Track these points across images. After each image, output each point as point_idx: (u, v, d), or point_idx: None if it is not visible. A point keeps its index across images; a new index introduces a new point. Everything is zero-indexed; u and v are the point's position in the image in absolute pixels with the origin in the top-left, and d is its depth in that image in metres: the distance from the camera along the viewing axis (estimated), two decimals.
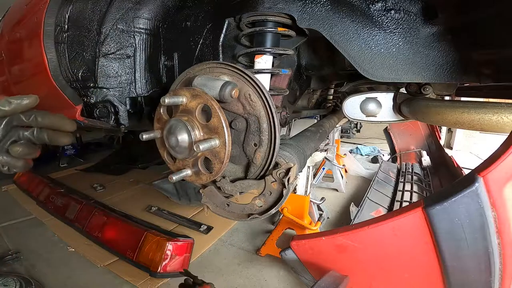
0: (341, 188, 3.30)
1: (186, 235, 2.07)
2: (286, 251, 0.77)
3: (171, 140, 0.60)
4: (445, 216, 0.52)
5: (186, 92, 0.59)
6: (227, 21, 0.73)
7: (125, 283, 1.84)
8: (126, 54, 0.88)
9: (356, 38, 0.66)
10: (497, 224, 0.50)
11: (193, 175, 0.64)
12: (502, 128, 0.65)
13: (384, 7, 0.64)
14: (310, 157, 1.97)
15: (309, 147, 0.95)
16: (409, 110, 0.95)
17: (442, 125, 3.60)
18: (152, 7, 0.87)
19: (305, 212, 2.03)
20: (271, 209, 0.62)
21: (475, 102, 0.73)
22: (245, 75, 0.59)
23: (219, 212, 0.69)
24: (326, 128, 1.42)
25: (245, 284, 1.88)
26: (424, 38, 0.64)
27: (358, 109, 1.12)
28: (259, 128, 0.61)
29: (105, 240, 2.15)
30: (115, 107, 0.89)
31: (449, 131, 5.46)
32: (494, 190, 0.49)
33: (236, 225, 2.57)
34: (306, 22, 0.66)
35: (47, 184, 3.02)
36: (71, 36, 0.89)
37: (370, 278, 0.69)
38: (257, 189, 0.62)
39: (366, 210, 2.30)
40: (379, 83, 1.21)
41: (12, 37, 1.13)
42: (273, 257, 2.08)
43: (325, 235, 0.70)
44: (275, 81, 0.94)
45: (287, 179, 0.58)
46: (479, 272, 0.55)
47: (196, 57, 0.81)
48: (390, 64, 0.67)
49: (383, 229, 0.61)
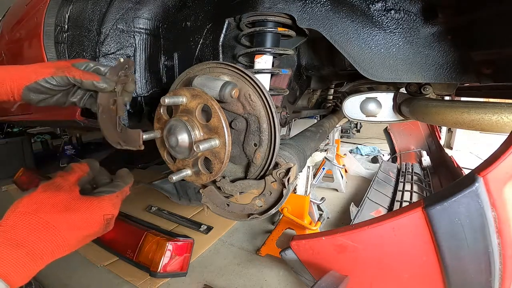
0: (341, 188, 3.30)
1: (186, 235, 2.07)
2: (286, 251, 0.77)
3: (171, 140, 0.60)
4: (445, 216, 0.52)
5: (186, 92, 0.59)
6: (227, 21, 0.73)
7: (125, 283, 1.84)
8: (126, 54, 0.88)
9: (356, 38, 0.66)
10: (497, 224, 0.50)
11: (193, 175, 0.64)
12: (502, 128, 0.65)
13: (384, 7, 0.64)
14: (310, 157, 1.97)
15: (309, 147, 0.95)
16: (409, 110, 0.95)
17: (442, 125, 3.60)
18: (152, 7, 0.87)
19: (305, 212, 2.03)
20: (271, 209, 0.62)
21: (475, 102, 0.73)
22: (245, 75, 0.59)
23: (219, 212, 0.69)
24: (326, 128, 1.42)
25: (245, 284, 1.88)
26: (424, 38, 0.64)
27: (358, 109, 1.12)
28: (259, 128, 0.61)
29: (105, 240, 2.14)
30: None
31: (449, 131, 5.46)
32: (494, 190, 0.49)
33: (236, 225, 2.57)
34: (306, 22, 0.66)
35: None
36: (71, 36, 0.89)
37: (370, 278, 0.69)
38: (257, 189, 0.62)
39: (366, 210, 2.29)
40: (379, 83, 1.21)
41: (12, 37, 1.13)
42: (273, 257, 2.08)
43: (325, 235, 0.70)
44: (275, 81, 0.94)
45: (287, 179, 0.58)
46: (479, 272, 0.54)
47: (196, 57, 0.81)
48: (390, 64, 0.67)
49: (383, 229, 0.61)
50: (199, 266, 2.04)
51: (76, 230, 0.48)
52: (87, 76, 0.58)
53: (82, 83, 0.58)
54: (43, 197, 0.49)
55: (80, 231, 0.49)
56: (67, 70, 0.57)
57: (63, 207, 0.48)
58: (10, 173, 3.45)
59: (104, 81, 0.60)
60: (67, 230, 0.47)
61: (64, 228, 0.47)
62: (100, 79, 0.59)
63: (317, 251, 0.72)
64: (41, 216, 0.46)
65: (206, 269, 2.02)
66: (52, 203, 0.48)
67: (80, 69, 0.60)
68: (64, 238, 0.46)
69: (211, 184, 0.69)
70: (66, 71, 0.57)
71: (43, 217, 0.46)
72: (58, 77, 0.56)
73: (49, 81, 0.56)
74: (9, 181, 3.39)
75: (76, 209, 0.50)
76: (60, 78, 0.57)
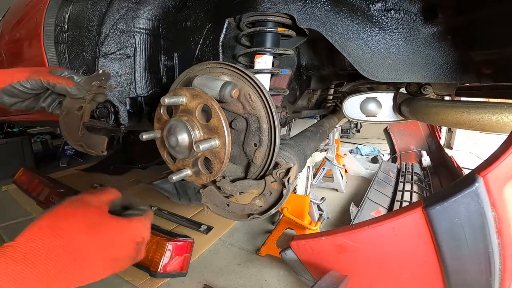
0: (341, 188, 3.30)
1: (186, 235, 2.07)
2: (286, 251, 0.77)
3: (171, 140, 0.60)
4: (445, 216, 0.52)
5: (186, 92, 0.59)
6: (227, 21, 0.73)
7: (125, 283, 1.84)
8: (126, 54, 0.88)
9: (356, 38, 0.66)
10: (497, 224, 0.50)
11: (193, 175, 0.64)
12: (502, 128, 0.65)
13: (384, 7, 0.64)
14: (310, 157, 1.97)
15: (309, 147, 0.95)
16: (409, 110, 0.95)
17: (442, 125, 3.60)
18: (152, 7, 0.87)
19: (305, 212, 2.03)
20: (271, 209, 0.62)
21: (475, 102, 0.73)
22: (245, 75, 0.59)
23: (219, 212, 0.69)
24: (326, 128, 1.42)
25: (245, 284, 1.88)
26: (424, 38, 0.64)
27: (358, 109, 1.12)
28: (259, 128, 0.61)
29: None
30: (115, 107, 0.89)
31: (449, 131, 5.46)
32: (494, 190, 0.49)
33: (236, 225, 2.57)
34: (306, 22, 0.66)
35: (47, 184, 3.01)
36: (71, 36, 0.89)
37: (370, 278, 0.69)
38: (257, 189, 0.62)
39: (366, 210, 2.29)
40: (379, 83, 1.21)
41: (12, 37, 1.13)
42: (273, 257, 2.08)
43: (325, 235, 0.70)
44: (275, 81, 0.94)
45: (287, 179, 0.58)
46: (479, 272, 0.54)
47: (196, 57, 0.81)
48: (390, 64, 0.67)
49: (383, 229, 0.61)
50: (199, 266, 2.04)
51: (102, 252, 0.43)
52: (61, 81, 0.60)
53: (55, 87, 0.60)
54: (67, 212, 0.44)
55: (107, 252, 0.43)
56: (42, 75, 0.59)
57: (89, 225, 0.43)
58: (10, 173, 3.45)
59: (76, 87, 0.61)
60: (91, 250, 0.41)
61: (87, 247, 0.41)
62: (73, 85, 0.61)
63: (317, 251, 0.72)
64: (61, 233, 0.39)
65: (206, 269, 2.02)
66: (77, 220, 0.43)
67: (56, 75, 0.61)
68: (86, 259, 0.40)
69: (211, 184, 0.69)
70: (41, 75, 0.58)
71: (63, 234, 0.39)
72: (32, 81, 0.58)
73: (23, 84, 0.57)
74: (9, 181, 3.38)
75: (104, 228, 0.44)
76: (35, 82, 0.58)
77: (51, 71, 0.62)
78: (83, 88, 0.63)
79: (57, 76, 0.61)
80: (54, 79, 0.59)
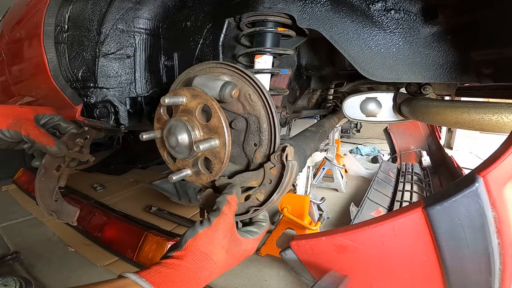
0: (341, 188, 3.30)
1: None
2: (286, 251, 0.77)
3: (171, 140, 0.60)
4: (445, 216, 0.52)
5: (186, 92, 0.59)
6: (227, 21, 0.73)
7: None
8: (126, 54, 0.88)
9: (356, 38, 0.66)
10: (497, 224, 0.50)
11: (193, 175, 0.64)
12: (502, 128, 0.65)
13: (384, 7, 0.64)
14: (310, 157, 1.97)
15: (309, 147, 0.95)
16: (409, 110, 0.95)
17: (442, 125, 3.60)
18: (152, 7, 0.87)
19: (305, 212, 2.03)
20: (273, 194, 0.60)
21: (475, 102, 0.73)
22: (245, 75, 0.59)
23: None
24: (326, 128, 1.42)
25: (245, 284, 1.88)
26: (424, 38, 0.64)
27: (358, 109, 1.12)
28: (259, 128, 0.61)
29: (105, 240, 2.14)
30: (115, 107, 0.89)
31: (449, 131, 5.46)
32: (494, 190, 0.49)
33: None
34: (306, 22, 0.66)
35: None
36: (71, 36, 0.89)
37: (370, 278, 0.69)
38: (257, 180, 0.62)
39: (366, 210, 2.29)
40: (379, 83, 1.21)
41: (12, 37, 1.13)
42: (273, 257, 2.08)
43: (325, 235, 0.70)
44: (275, 81, 0.94)
45: (285, 155, 0.57)
46: (479, 272, 0.54)
47: (196, 57, 0.81)
48: (390, 64, 0.67)
49: (383, 229, 0.61)
50: None
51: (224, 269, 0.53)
52: (41, 139, 0.58)
53: (35, 144, 0.58)
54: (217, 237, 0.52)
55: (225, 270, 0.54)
56: (24, 126, 0.56)
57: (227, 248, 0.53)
58: (10, 173, 3.45)
59: (57, 146, 0.59)
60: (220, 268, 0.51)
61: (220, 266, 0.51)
62: (54, 144, 0.59)
63: (317, 251, 0.72)
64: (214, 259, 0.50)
65: None
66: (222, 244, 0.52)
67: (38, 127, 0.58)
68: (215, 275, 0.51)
69: (209, 185, 0.69)
70: (23, 126, 0.56)
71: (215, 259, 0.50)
72: (12, 132, 0.56)
73: (3, 132, 0.55)
74: (9, 181, 3.39)
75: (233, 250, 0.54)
76: (14, 133, 0.56)
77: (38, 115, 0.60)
78: (64, 147, 0.61)
79: (39, 131, 0.58)
80: (35, 135, 0.57)
